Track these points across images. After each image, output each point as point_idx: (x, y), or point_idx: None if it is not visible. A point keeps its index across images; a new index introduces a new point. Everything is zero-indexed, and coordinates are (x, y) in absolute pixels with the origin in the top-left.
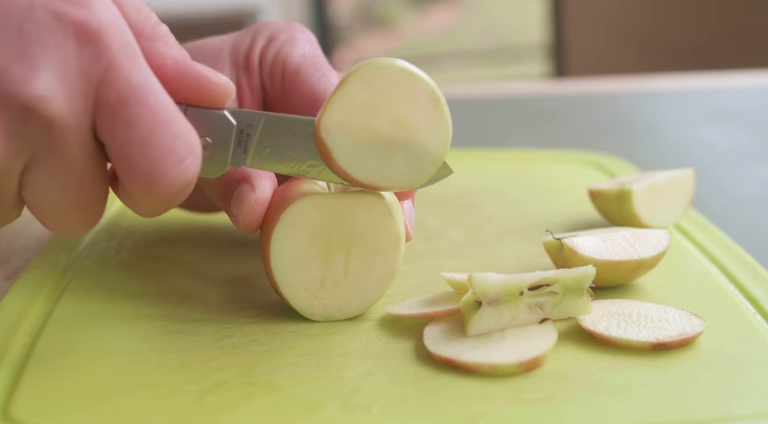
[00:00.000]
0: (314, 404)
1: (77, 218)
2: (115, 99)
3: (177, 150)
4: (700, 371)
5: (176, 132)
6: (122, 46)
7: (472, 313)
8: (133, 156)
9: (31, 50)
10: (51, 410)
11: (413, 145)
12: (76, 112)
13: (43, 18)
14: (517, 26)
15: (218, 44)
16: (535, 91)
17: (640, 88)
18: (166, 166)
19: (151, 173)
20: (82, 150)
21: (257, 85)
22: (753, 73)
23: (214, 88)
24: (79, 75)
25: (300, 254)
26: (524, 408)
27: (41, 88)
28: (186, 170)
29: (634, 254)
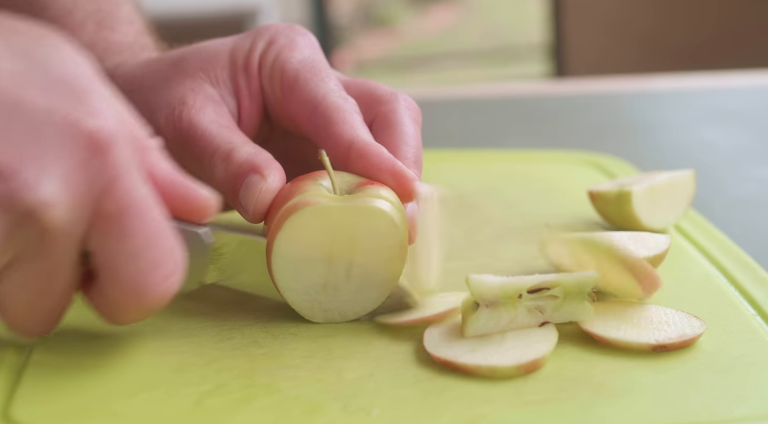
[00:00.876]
0: (314, 407)
1: (39, 320)
2: (115, 211)
3: (167, 265)
4: (700, 372)
5: (168, 247)
6: (127, 160)
7: (470, 314)
8: (123, 268)
9: (44, 155)
10: (50, 412)
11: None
12: (72, 221)
13: (59, 124)
14: (517, 26)
15: (218, 46)
16: (535, 91)
17: (640, 88)
18: (155, 279)
19: (140, 285)
20: (67, 258)
21: (257, 88)
22: (753, 73)
23: (202, 202)
24: (83, 183)
25: (302, 259)
26: (524, 411)
27: (47, 194)
28: (172, 285)
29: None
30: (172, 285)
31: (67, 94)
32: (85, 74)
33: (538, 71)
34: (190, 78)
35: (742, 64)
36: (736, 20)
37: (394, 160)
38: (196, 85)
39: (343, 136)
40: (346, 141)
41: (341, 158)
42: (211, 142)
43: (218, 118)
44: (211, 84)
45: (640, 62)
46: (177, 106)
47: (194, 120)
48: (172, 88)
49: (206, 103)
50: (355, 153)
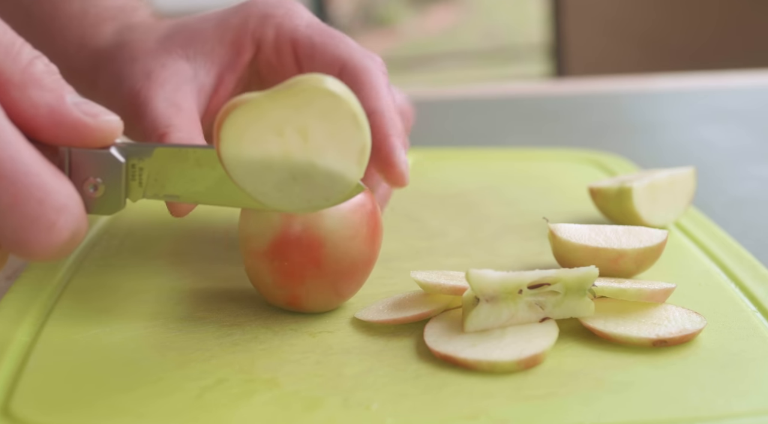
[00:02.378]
0: (314, 402)
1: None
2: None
3: (45, 215)
4: (700, 368)
5: (41, 196)
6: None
7: (471, 309)
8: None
9: None
10: (51, 408)
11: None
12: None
13: None
14: (517, 26)
15: (201, 22)
16: (535, 91)
17: (640, 88)
18: (34, 233)
19: (21, 242)
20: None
21: (244, 64)
22: (753, 73)
23: (95, 133)
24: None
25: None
26: (525, 405)
27: None
28: (59, 233)
29: (616, 244)
30: (60, 232)
31: None
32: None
33: (538, 71)
34: (167, 53)
35: (742, 64)
36: (737, 20)
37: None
38: (169, 61)
39: (365, 103)
40: (367, 109)
41: None
42: (152, 121)
43: (173, 96)
44: (187, 59)
45: (640, 62)
46: (140, 80)
47: (148, 96)
48: (147, 61)
49: (170, 78)
50: (371, 123)
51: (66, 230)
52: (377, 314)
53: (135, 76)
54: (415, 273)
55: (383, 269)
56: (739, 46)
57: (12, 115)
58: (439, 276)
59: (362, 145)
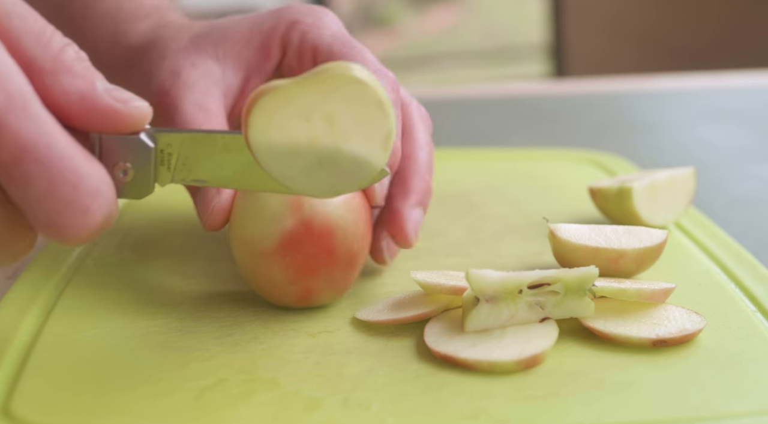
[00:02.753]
0: (314, 402)
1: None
2: (8, 159)
3: (79, 199)
4: (700, 368)
5: (76, 181)
6: (8, 100)
7: (471, 309)
8: (35, 211)
9: None
10: (51, 408)
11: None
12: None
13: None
14: (517, 26)
15: (236, 24)
16: (535, 91)
17: (640, 88)
18: (69, 217)
19: (56, 226)
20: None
21: (271, 68)
22: (753, 73)
23: (125, 119)
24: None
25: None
26: (525, 405)
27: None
28: (93, 216)
29: (616, 244)
30: (94, 216)
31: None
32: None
33: (538, 71)
34: (197, 53)
35: (742, 64)
36: (737, 20)
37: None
38: (199, 60)
39: None
40: None
41: None
42: (182, 125)
43: (202, 99)
44: (216, 59)
45: (640, 62)
46: (169, 77)
47: (177, 96)
48: (177, 59)
49: (199, 79)
50: None
51: (99, 214)
52: (377, 314)
53: (164, 73)
54: (414, 273)
55: (383, 269)
56: (739, 46)
57: (45, 101)
58: (438, 276)
59: (388, 130)
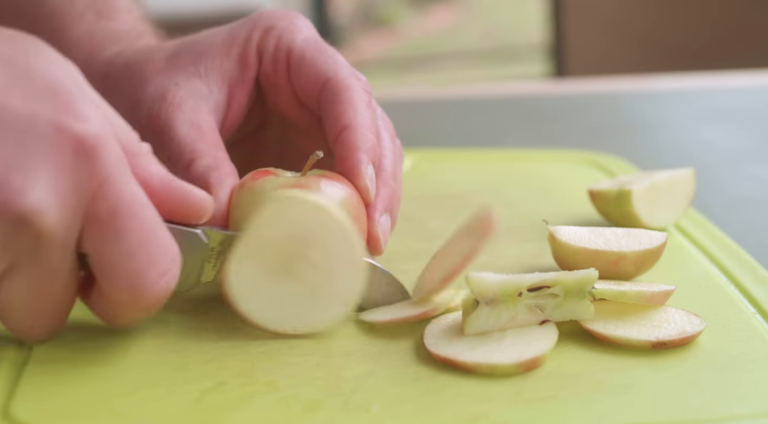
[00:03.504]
0: (314, 404)
1: (42, 323)
2: (107, 213)
3: (162, 262)
4: (700, 370)
5: (162, 245)
6: (116, 162)
7: (470, 312)
8: (119, 267)
9: (31, 161)
10: (51, 410)
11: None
12: (65, 225)
13: (45, 130)
14: (517, 26)
15: (211, 38)
16: (535, 91)
17: (640, 88)
18: (152, 277)
19: (137, 282)
20: (64, 261)
21: (251, 78)
22: (753, 73)
23: (196, 203)
24: (73, 188)
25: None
26: (524, 408)
27: (37, 200)
28: (169, 282)
29: (616, 246)
30: (169, 282)
31: (52, 99)
32: (69, 78)
33: (538, 71)
34: (179, 71)
35: (742, 64)
36: (737, 20)
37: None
38: (182, 78)
39: (341, 119)
40: (341, 124)
41: (332, 138)
42: (177, 147)
43: (193, 117)
44: (199, 76)
45: (640, 62)
46: (157, 102)
47: (168, 119)
48: (160, 80)
49: (187, 98)
50: (342, 138)
51: (172, 282)
52: (380, 314)
53: (150, 98)
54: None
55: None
56: (739, 46)
57: None
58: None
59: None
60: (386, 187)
